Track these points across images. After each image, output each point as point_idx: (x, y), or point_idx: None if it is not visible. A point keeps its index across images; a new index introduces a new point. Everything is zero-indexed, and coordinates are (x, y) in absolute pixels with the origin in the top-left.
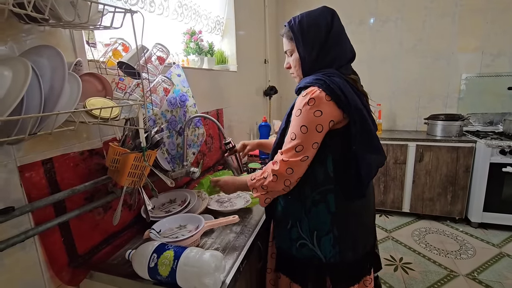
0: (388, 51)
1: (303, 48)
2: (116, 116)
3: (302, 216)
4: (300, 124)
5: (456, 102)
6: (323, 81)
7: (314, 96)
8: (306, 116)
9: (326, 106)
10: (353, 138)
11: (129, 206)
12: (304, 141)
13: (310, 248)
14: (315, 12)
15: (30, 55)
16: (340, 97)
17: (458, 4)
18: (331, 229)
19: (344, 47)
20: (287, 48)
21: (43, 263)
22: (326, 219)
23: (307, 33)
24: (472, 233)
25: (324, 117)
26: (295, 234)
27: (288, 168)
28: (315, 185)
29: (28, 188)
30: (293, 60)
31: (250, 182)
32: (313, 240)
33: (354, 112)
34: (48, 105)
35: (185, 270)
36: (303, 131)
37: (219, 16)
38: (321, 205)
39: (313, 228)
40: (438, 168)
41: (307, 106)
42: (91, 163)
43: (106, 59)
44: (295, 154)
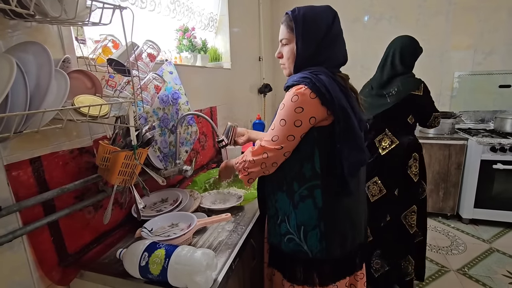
0: (382, 49)
1: (302, 42)
2: (106, 114)
3: (290, 211)
4: (280, 117)
5: (449, 100)
6: (309, 79)
7: (298, 93)
8: (287, 111)
9: (309, 104)
10: (337, 136)
11: (120, 205)
12: (281, 133)
13: (297, 242)
14: (319, 9)
15: (15, 51)
16: (324, 95)
17: (451, 3)
18: (317, 224)
19: (338, 50)
20: (284, 37)
21: (32, 263)
22: (313, 214)
23: (309, 28)
24: (463, 229)
25: (304, 114)
26: (284, 228)
27: (264, 153)
28: (303, 180)
29: (15, 187)
30: (288, 51)
31: (235, 166)
32: (300, 234)
33: (338, 111)
34: (34, 103)
35: (176, 268)
36: (282, 124)
37: (212, 13)
38: (308, 200)
39: (300, 223)
40: (430, 165)
41: (291, 102)
42: (81, 162)
43: (96, 56)
44: (271, 143)
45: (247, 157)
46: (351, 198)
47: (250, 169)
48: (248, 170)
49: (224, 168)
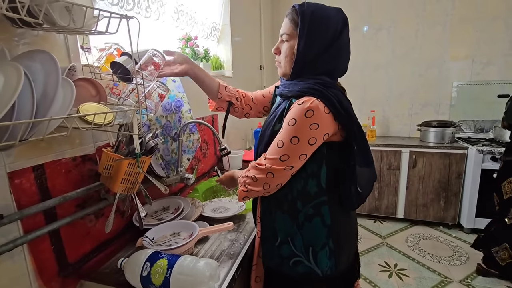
0: (381, 59)
1: (305, 42)
2: (110, 122)
3: (294, 232)
4: (292, 134)
5: (448, 109)
6: (320, 92)
7: (313, 107)
8: (300, 128)
9: (324, 119)
10: (354, 152)
11: (121, 213)
12: (292, 152)
13: (306, 265)
14: (330, 10)
15: (22, 59)
16: (339, 111)
17: (448, 14)
18: (326, 242)
19: (343, 61)
20: (286, 32)
21: (31, 272)
22: (322, 232)
23: (316, 27)
24: (465, 239)
25: (319, 131)
26: (287, 251)
27: (269, 173)
28: (308, 198)
29: (17, 195)
30: (287, 49)
31: (239, 178)
32: (308, 256)
33: (355, 127)
34: (41, 111)
35: (178, 279)
36: (294, 142)
37: (215, 22)
38: (315, 219)
39: (308, 244)
40: (431, 174)
41: (304, 117)
42: (83, 169)
43: (101, 64)
44: (279, 163)
45: (250, 173)
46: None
47: (251, 187)
48: (248, 187)
49: (230, 179)
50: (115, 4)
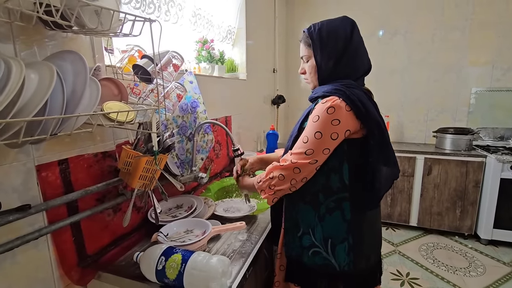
0: (396, 63)
1: (320, 56)
2: (131, 120)
3: (315, 223)
4: (315, 129)
5: (466, 116)
6: (342, 92)
7: (334, 104)
8: (323, 123)
9: (345, 116)
10: (371, 150)
11: (137, 209)
12: (316, 146)
13: (324, 256)
14: (335, 22)
15: (54, 59)
16: (360, 108)
17: (468, 18)
18: (346, 237)
19: (362, 59)
20: (304, 54)
21: (53, 261)
22: (341, 227)
23: (326, 41)
24: (482, 250)
25: (341, 126)
26: (307, 241)
27: (296, 168)
28: (330, 192)
29: (44, 187)
30: (309, 67)
31: (257, 185)
32: (327, 248)
33: (373, 124)
34: (69, 108)
35: (192, 273)
36: (317, 137)
37: (230, 26)
38: (336, 213)
39: (328, 236)
40: (447, 182)
41: (326, 113)
42: (103, 165)
43: (123, 65)
44: (304, 157)
45: (274, 173)
46: (376, 211)
47: (278, 187)
48: (275, 189)
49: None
50: (137, 8)
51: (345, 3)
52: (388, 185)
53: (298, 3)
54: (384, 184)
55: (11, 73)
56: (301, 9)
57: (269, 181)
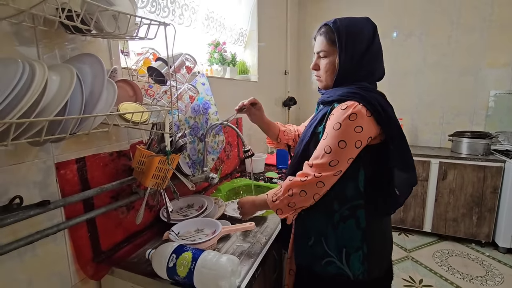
0: (410, 65)
1: (345, 55)
2: (146, 120)
3: (328, 231)
4: (339, 138)
5: (484, 120)
6: (361, 95)
7: (356, 111)
8: (346, 131)
9: (366, 122)
10: (391, 155)
11: (150, 207)
12: (341, 156)
13: (338, 266)
14: (360, 21)
15: (74, 61)
16: (380, 113)
17: (486, 20)
18: (361, 246)
19: (380, 63)
20: (322, 49)
21: (70, 256)
22: (356, 235)
23: (354, 40)
24: (500, 259)
25: (364, 133)
26: (319, 250)
27: (319, 182)
28: (344, 200)
29: (62, 184)
30: (327, 64)
31: (272, 204)
32: (341, 257)
33: (394, 129)
34: (88, 108)
35: (202, 272)
36: (341, 146)
37: (242, 28)
38: (350, 221)
39: (342, 245)
40: (463, 187)
41: (348, 120)
42: (118, 164)
43: (138, 67)
44: (328, 168)
45: (294, 190)
46: (388, 217)
47: (300, 204)
48: (295, 207)
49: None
50: (152, 12)
51: (358, 5)
52: (407, 191)
53: (311, 5)
54: (404, 191)
55: (35, 75)
56: (313, 11)
57: (289, 199)
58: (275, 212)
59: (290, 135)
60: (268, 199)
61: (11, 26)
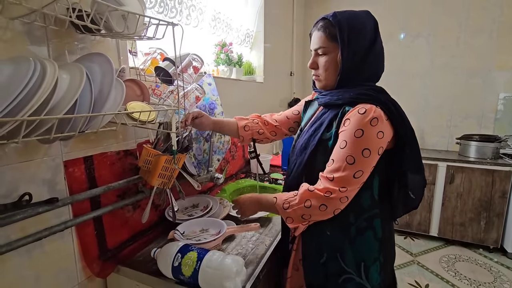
0: (418, 67)
1: (348, 51)
2: (153, 119)
3: (344, 247)
4: (362, 146)
5: (493, 123)
6: (376, 97)
7: (377, 115)
8: (369, 138)
9: (386, 126)
10: (406, 159)
11: (155, 207)
12: (366, 166)
13: (358, 282)
14: (362, 15)
15: (84, 61)
16: (396, 116)
17: (496, 21)
18: (378, 256)
19: (383, 63)
20: (322, 46)
21: (77, 253)
22: (374, 246)
23: (357, 35)
24: (508, 265)
25: (385, 139)
26: (334, 268)
27: (344, 197)
28: (361, 211)
29: (70, 181)
30: (327, 62)
31: (283, 211)
32: (360, 272)
33: (409, 132)
34: (97, 107)
35: (207, 271)
36: (366, 155)
37: (249, 29)
38: (368, 232)
39: (360, 259)
40: (470, 191)
41: (370, 126)
42: (125, 163)
43: (146, 67)
44: (353, 182)
45: (313, 202)
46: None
47: (316, 218)
48: (310, 219)
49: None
50: (160, 12)
51: (364, 6)
52: (421, 193)
53: (316, 6)
54: (418, 193)
55: (45, 74)
56: (319, 12)
57: (304, 211)
58: (285, 220)
59: (253, 127)
60: (278, 204)
61: (23, 25)
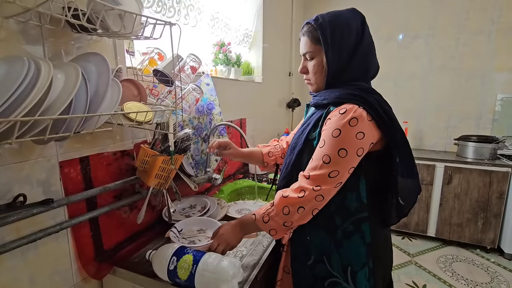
0: (416, 68)
1: (333, 52)
2: (150, 120)
3: (330, 250)
4: (339, 146)
5: (490, 124)
6: (360, 97)
7: (357, 115)
8: (347, 138)
9: (367, 127)
10: (394, 162)
11: (152, 208)
12: (342, 166)
13: (344, 286)
14: (346, 13)
15: (79, 60)
16: (382, 117)
17: (495, 22)
18: (366, 261)
19: (373, 58)
20: (308, 50)
21: (72, 254)
22: (361, 251)
23: (340, 35)
24: (505, 265)
25: (365, 140)
26: (321, 271)
27: (319, 196)
28: (347, 214)
29: (66, 182)
30: (315, 65)
31: (263, 225)
32: (347, 277)
33: (397, 134)
34: (92, 107)
35: (203, 275)
36: (342, 155)
37: (247, 29)
38: (355, 236)
39: (347, 263)
40: (468, 192)
41: (348, 126)
42: (122, 163)
43: (143, 67)
44: (328, 181)
45: (291, 208)
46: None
47: (297, 223)
48: (292, 225)
49: (233, 230)
50: (158, 11)
51: (363, 7)
52: (413, 200)
53: (316, 6)
54: (409, 200)
55: (40, 73)
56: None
57: (284, 219)
58: (268, 233)
59: (276, 153)
60: (258, 219)
61: (18, 24)
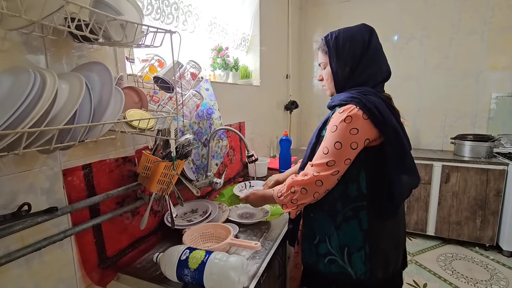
0: (412, 69)
1: (336, 63)
2: (152, 127)
3: (331, 231)
4: (334, 140)
5: (486, 122)
6: (359, 99)
7: (352, 114)
8: (341, 133)
9: (362, 124)
10: (388, 158)
11: (154, 213)
12: (337, 156)
13: (340, 264)
14: (353, 29)
15: (82, 70)
16: (376, 116)
17: (487, 22)
18: (362, 246)
19: (380, 65)
20: (321, 61)
21: (76, 262)
22: (358, 235)
23: (342, 48)
24: (504, 262)
25: (359, 135)
26: (323, 249)
27: (318, 181)
28: (348, 201)
29: (69, 190)
30: (326, 74)
31: (278, 199)
32: (343, 256)
33: (390, 132)
34: (96, 116)
35: (215, 263)
36: (337, 147)
37: (245, 33)
38: (352, 222)
39: (344, 244)
40: (466, 190)
41: (344, 123)
42: (124, 170)
43: (143, 74)
44: (326, 168)
45: (296, 188)
46: (394, 220)
47: (301, 201)
48: (297, 203)
49: (260, 198)
50: (157, 18)
51: (359, 9)
52: (405, 194)
53: (312, 9)
54: (401, 193)
55: (45, 85)
56: (315, 15)
57: (291, 196)
58: (281, 206)
59: None
60: (274, 194)
61: (21, 36)
